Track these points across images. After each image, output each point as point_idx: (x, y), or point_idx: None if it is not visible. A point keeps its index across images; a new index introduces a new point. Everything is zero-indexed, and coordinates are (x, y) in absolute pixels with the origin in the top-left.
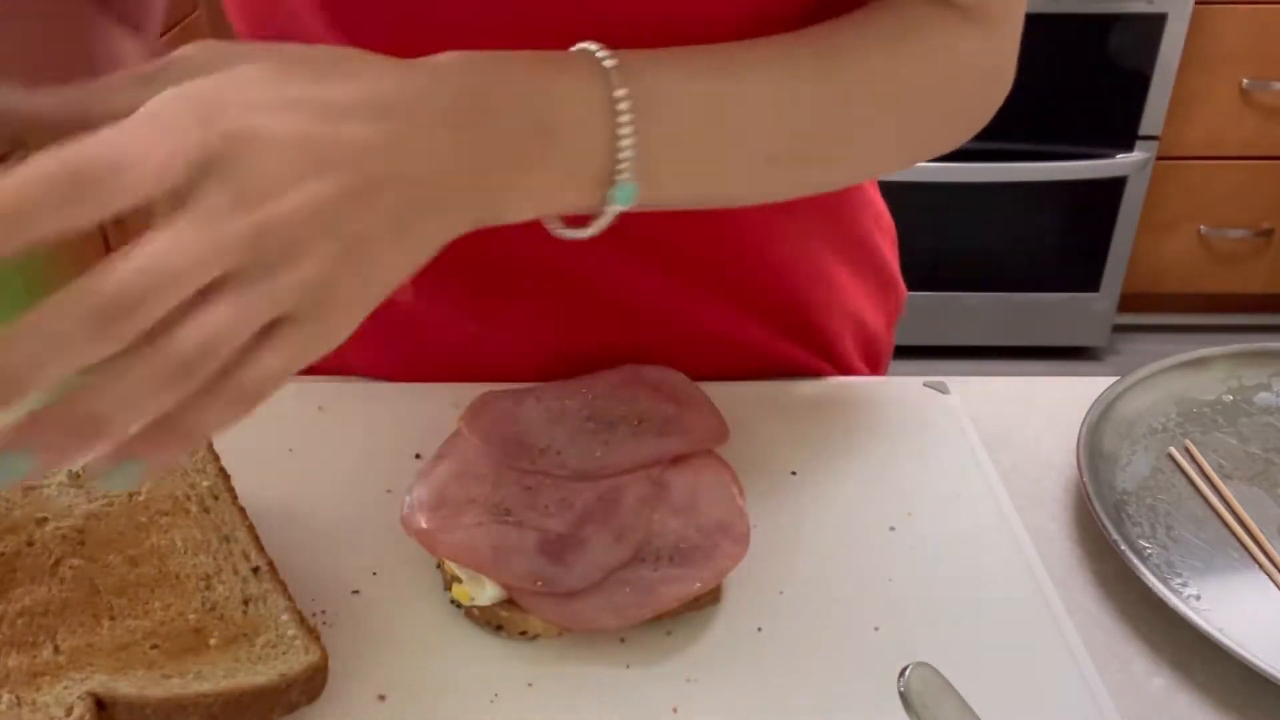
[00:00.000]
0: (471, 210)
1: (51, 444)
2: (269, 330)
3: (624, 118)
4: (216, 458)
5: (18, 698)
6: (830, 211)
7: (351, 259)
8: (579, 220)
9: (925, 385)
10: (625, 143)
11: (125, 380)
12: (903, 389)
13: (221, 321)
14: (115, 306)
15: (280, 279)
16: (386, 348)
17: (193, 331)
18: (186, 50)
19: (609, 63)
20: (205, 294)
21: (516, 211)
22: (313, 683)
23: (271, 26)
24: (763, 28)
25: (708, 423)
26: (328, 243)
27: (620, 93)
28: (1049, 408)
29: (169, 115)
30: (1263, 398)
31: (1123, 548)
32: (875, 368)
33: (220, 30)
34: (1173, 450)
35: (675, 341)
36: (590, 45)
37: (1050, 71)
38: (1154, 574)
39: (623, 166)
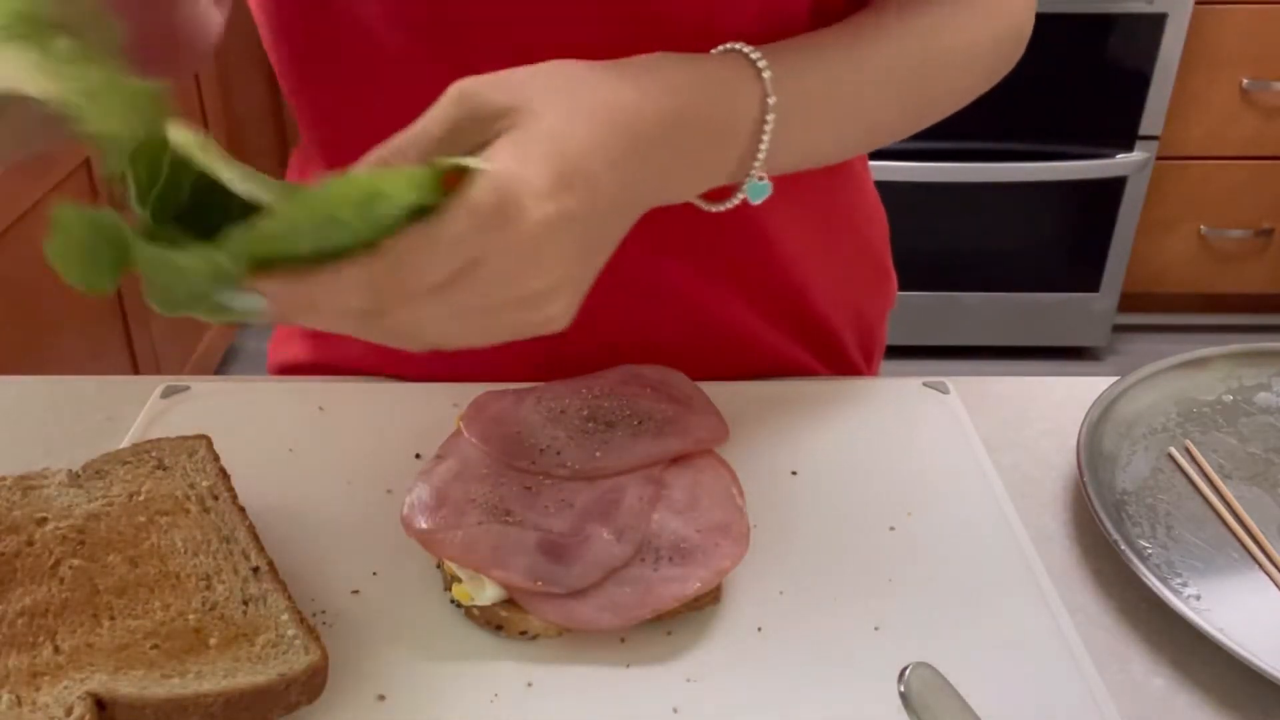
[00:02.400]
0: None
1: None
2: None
3: (768, 126)
4: (216, 458)
5: (18, 698)
6: (830, 199)
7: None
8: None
9: (925, 385)
10: (764, 144)
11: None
12: (903, 389)
13: None
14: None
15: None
16: (386, 348)
17: None
18: (458, 104)
19: (767, 74)
20: None
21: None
22: (313, 683)
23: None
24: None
25: (708, 423)
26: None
27: (772, 101)
28: (1049, 408)
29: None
30: (1263, 398)
31: (1123, 547)
32: (869, 360)
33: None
34: (1173, 450)
35: (677, 339)
36: (746, 49)
37: (1050, 71)
38: (1154, 574)
39: (758, 163)
